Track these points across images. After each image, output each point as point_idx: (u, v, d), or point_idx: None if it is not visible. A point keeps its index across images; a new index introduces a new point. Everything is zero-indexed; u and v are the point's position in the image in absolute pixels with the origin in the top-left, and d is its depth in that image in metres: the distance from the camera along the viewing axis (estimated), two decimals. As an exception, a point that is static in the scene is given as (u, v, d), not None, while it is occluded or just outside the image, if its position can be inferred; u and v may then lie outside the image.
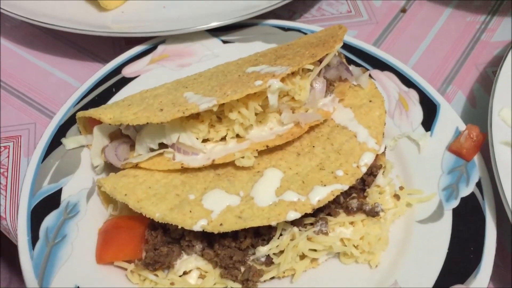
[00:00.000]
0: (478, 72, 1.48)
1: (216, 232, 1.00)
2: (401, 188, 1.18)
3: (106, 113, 1.11)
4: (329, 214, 1.11)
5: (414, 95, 1.31)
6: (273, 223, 1.00)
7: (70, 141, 1.21)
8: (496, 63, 1.49)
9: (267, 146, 1.09)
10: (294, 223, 1.07)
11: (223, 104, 1.08)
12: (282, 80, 1.06)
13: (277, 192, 1.05)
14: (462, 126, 1.24)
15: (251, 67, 1.15)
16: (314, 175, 1.07)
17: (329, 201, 1.10)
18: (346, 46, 1.38)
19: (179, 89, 1.15)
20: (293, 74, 1.11)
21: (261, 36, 1.42)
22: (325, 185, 1.05)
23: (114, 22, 1.43)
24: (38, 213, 1.11)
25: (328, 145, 1.13)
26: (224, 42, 1.42)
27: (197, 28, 1.37)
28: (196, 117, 1.10)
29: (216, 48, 1.40)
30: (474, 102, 1.42)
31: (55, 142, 1.21)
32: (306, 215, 1.08)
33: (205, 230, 1.00)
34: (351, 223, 1.11)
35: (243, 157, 1.08)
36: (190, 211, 1.02)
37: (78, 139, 1.22)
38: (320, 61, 1.15)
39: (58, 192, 1.15)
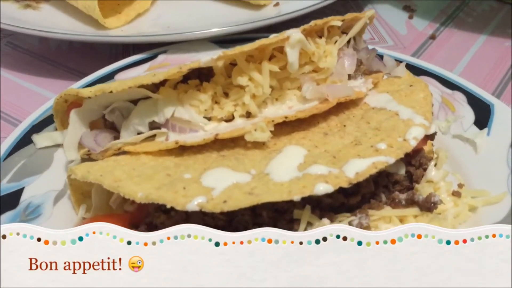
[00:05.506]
0: (528, 90, 1.28)
1: (218, 211, 0.72)
2: (460, 186, 0.91)
3: (87, 88, 0.90)
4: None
5: (460, 96, 1.10)
6: (297, 198, 0.72)
7: (42, 138, 1.00)
8: (546, 82, 1.29)
9: (285, 118, 0.85)
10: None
11: (230, 73, 0.87)
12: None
13: (300, 167, 0.79)
14: (525, 123, 1.01)
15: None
16: (348, 150, 0.82)
17: (368, 196, 0.84)
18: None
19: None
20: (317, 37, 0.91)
21: (275, 48, 1.25)
22: (364, 158, 0.79)
23: (114, 34, 1.29)
24: (-12, 213, 0.86)
25: (363, 124, 0.89)
26: (233, 53, 1.24)
27: (200, 33, 1.23)
28: (197, 88, 0.88)
29: (224, 58, 1.23)
30: (529, 115, 1.19)
31: (25, 140, 1.00)
32: (338, 211, 0.82)
33: (203, 210, 0.73)
34: (400, 219, 0.83)
35: (255, 130, 0.83)
36: (184, 188, 0.75)
37: (53, 136, 1.00)
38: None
39: (18, 192, 0.92)
